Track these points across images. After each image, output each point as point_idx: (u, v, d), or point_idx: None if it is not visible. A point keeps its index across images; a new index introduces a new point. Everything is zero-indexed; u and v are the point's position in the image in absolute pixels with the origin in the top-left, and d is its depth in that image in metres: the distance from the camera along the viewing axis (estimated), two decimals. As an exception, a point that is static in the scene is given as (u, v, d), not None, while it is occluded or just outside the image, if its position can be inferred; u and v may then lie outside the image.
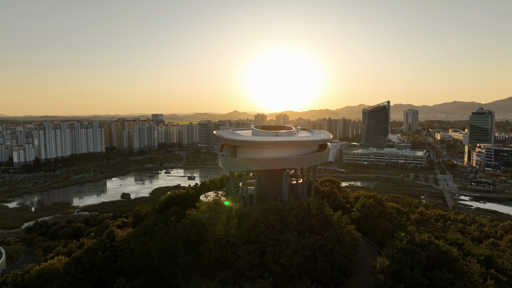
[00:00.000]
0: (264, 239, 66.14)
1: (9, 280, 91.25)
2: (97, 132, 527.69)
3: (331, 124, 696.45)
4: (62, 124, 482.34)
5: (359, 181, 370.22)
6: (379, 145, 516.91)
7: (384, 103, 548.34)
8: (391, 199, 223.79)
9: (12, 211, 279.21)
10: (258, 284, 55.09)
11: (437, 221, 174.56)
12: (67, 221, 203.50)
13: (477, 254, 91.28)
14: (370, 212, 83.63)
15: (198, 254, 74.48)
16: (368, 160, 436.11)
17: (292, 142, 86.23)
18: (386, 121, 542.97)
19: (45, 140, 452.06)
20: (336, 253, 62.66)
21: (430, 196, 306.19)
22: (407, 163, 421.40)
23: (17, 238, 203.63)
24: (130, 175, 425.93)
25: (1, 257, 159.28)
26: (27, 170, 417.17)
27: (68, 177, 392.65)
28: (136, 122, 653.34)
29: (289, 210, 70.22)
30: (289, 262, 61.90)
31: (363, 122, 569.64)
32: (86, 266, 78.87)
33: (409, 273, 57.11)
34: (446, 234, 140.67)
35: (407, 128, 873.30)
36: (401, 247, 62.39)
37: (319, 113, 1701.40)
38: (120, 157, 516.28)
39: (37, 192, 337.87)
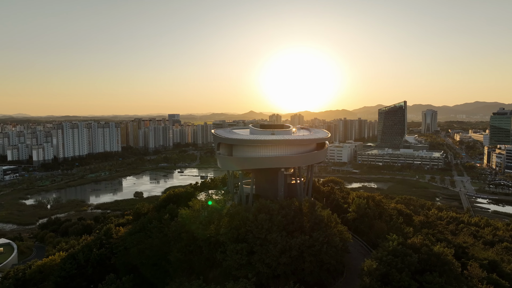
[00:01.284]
0: (252, 239, 65.42)
1: (11, 274, 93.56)
2: (114, 132, 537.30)
3: (346, 124, 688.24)
4: (79, 124, 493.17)
5: (372, 182, 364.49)
6: (395, 146, 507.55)
7: (400, 103, 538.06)
8: (402, 200, 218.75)
9: (29, 208, 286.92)
10: (240, 284, 54.40)
11: (448, 224, 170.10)
12: (78, 219, 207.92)
13: (480, 258, 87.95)
14: (366, 213, 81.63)
15: (190, 252, 74.36)
16: (383, 161, 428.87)
17: (287, 141, 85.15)
18: (403, 122, 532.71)
19: (63, 139, 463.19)
20: (324, 254, 61.28)
21: (446, 199, 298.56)
22: (423, 165, 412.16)
23: (31, 234, 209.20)
24: (145, 174, 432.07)
25: (13, 252, 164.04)
26: (45, 168, 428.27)
27: (84, 176, 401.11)
28: (152, 122, 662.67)
29: (279, 210, 69.19)
30: (276, 262, 60.95)
31: (379, 122, 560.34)
32: (81, 262, 79.96)
33: (397, 276, 55.24)
34: (456, 237, 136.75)
35: (425, 129, 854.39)
36: (392, 249, 60.48)
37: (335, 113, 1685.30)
38: (136, 156, 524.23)
39: (53, 190, 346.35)
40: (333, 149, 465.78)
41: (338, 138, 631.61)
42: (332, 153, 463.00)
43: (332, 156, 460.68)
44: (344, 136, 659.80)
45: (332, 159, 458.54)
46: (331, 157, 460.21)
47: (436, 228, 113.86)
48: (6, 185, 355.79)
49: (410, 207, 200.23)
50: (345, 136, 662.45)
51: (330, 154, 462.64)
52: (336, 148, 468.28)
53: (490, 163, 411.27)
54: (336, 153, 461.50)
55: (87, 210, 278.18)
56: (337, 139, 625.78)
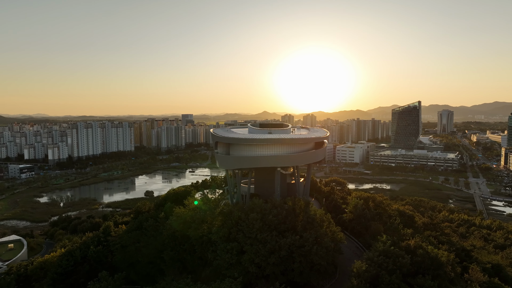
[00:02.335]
0: (242, 238, 64.81)
1: (13, 270, 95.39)
2: (127, 132, 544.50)
3: (359, 125, 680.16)
4: (93, 124, 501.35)
5: (384, 183, 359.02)
6: (409, 146, 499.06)
7: (414, 103, 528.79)
8: (412, 202, 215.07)
9: (43, 206, 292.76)
10: (226, 283, 53.88)
11: (459, 226, 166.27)
12: (87, 216, 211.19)
13: (484, 262, 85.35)
14: (363, 213, 79.96)
15: (184, 251, 74.34)
16: (396, 162, 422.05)
17: (283, 140, 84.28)
18: (417, 122, 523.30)
19: (77, 139, 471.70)
20: (314, 254, 60.17)
21: (459, 201, 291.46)
22: (437, 166, 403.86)
23: (42, 231, 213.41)
24: (157, 174, 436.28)
25: (23, 248, 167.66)
26: (60, 167, 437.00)
27: (97, 175, 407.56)
28: (164, 122, 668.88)
29: (271, 209, 68.38)
30: (265, 262, 60.17)
31: (393, 123, 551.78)
32: (77, 259, 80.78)
33: (387, 278, 53.76)
34: (465, 240, 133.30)
35: (441, 129, 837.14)
36: (384, 250, 58.95)
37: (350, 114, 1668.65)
38: (148, 156, 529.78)
39: (67, 188, 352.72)
40: (344, 150, 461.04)
41: (350, 139, 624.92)
42: (344, 154, 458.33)
43: (344, 157, 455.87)
44: (357, 137, 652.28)
45: (344, 159, 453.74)
46: (343, 157, 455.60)
47: (440, 230, 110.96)
48: (22, 183, 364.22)
49: (419, 209, 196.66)
50: (358, 137, 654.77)
51: (342, 155, 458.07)
52: (348, 148, 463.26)
53: (507, 165, 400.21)
54: (348, 153, 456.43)
55: (98, 208, 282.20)
56: (349, 139, 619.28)
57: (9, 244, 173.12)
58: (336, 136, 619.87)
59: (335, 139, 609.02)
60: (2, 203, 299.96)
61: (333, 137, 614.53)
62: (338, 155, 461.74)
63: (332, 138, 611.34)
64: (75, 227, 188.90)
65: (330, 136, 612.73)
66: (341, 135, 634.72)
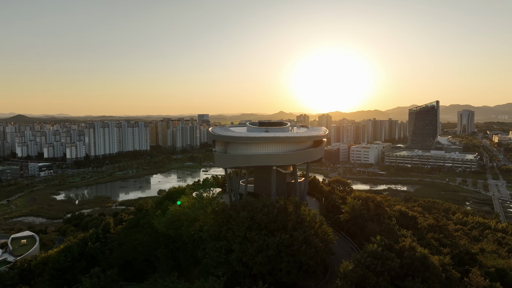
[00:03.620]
0: (232, 236, 64.33)
1: (17, 265, 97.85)
2: (143, 131, 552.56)
3: (375, 125, 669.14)
4: (110, 123, 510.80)
5: (399, 184, 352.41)
6: (427, 147, 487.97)
7: (432, 103, 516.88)
8: (425, 204, 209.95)
9: (59, 203, 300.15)
10: (210, 282, 53.55)
11: (472, 229, 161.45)
12: (99, 214, 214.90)
13: (488, 265, 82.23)
14: (361, 214, 78.17)
15: (177, 249, 74.47)
16: (412, 163, 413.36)
17: (278, 138, 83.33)
18: (435, 122, 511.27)
19: (94, 138, 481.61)
20: (302, 254, 59.12)
21: (477, 203, 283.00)
22: (455, 167, 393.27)
23: (56, 228, 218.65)
24: (172, 173, 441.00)
25: (35, 244, 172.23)
26: (77, 165, 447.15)
27: (112, 173, 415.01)
28: (180, 122, 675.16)
29: (261, 208, 67.64)
30: (252, 261, 59.51)
31: (409, 123, 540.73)
32: (75, 255, 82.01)
33: (373, 279, 52.25)
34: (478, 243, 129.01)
35: (461, 130, 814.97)
36: (373, 251, 57.36)
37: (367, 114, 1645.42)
38: (163, 155, 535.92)
39: (83, 186, 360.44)
40: (359, 150, 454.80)
41: (366, 139, 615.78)
42: (358, 154, 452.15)
43: (359, 157, 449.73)
44: (373, 137, 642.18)
45: (359, 160, 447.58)
46: (357, 158, 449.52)
47: (446, 232, 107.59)
48: (41, 180, 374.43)
49: (432, 211, 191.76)
50: (374, 137, 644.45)
51: (357, 155, 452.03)
52: (363, 149, 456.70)
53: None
54: (363, 154, 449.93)
55: (112, 206, 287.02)
56: (365, 140, 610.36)
57: (22, 240, 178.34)
58: (351, 137, 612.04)
59: (350, 139, 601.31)
60: (21, 200, 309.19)
61: (348, 137, 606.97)
62: (353, 156, 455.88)
63: (347, 138, 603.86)
64: (86, 224, 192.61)
65: (345, 137, 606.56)
66: (357, 136, 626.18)
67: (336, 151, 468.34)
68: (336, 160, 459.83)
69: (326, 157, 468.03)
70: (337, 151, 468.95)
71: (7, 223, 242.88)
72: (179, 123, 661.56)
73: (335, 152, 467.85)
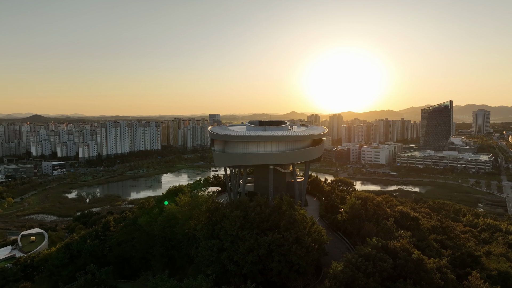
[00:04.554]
0: (224, 235, 64.08)
1: (21, 261, 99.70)
2: (154, 131, 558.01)
3: (388, 125, 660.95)
4: (122, 123, 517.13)
5: (410, 185, 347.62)
6: (440, 148, 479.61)
7: (446, 103, 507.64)
8: (434, 205, 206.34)
9: (70, 201, 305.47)
10: (198, 280, 53.38)
11: (482, 231, 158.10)
12: (107, 212, 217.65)
13: (490, 268, 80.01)
14: (358, 214, 76.95)
15: (172, 247, 74.70)
16: (424, 164, 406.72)
17: (275, 137, 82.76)
18: (448, 122, 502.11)
19: (106, 138, 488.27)
20: (293, 254, 58.45)
21: (490, 205, 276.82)
22: (468, 168, 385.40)
23: (65, 225, 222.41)
24: (183, 172, 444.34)
25: (44, 241, 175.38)
26: (90, 164, 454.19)
27: (123, 172, 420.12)
28: (191, 122, 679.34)
29: (254, 207, 67.20)
30: (243, 260, 59.14)
31: (422, 123, 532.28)
32: (74, 252, 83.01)
33: (363, 280, 51.24)
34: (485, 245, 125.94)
35: (476, 130, 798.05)
36: (365, 252, 56.30)
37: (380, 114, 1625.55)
38: (174, 154, 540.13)
39: (94, 185, 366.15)
40: (370, 150, 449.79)
41: (378, 139, 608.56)
42: (369, 155, 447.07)
43: (369, 158, 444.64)
44: (385, 138, 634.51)
45: (369, 160, 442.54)
46: (368, 158, 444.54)
47: (449, 234, 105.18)
48: (54, 179, 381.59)
49: (441, 212, 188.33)
50: (386, 137, 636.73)
51: (367, 156, 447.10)
52: (374, 149, 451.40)
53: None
54: (374, 154, 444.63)
55: (121, 205, 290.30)
56: (377, 140, 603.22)
57: (31, 237, 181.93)
58: (362, 137, 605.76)
59: (362, 139, 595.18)
60: (34, 198, 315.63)
61: (359, 137, 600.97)
62: (363, 156, 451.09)
63: (358, 138, 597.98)
64: (94, 222, 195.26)
65: (356, 137, 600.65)
66: (368, 136, 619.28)
67: (346, 152, 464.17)
68: (347, 160, 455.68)
69: (336, 157, 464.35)
70: (347, 151, 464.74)
71: (20, 220, 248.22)
72: (190, 123, 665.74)
73: (346, 153, 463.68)
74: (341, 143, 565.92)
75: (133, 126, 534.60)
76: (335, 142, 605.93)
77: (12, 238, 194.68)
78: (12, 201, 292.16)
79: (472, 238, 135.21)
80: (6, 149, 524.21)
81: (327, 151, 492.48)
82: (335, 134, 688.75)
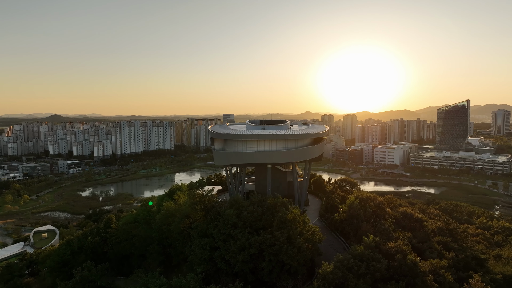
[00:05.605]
0: (217, 234, 63.86)
1: (27, 257, 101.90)
2: (167, 131, 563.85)
3: (403, 125, 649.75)
4: (136, 123, 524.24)
5: (424, 186, 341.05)
6: (456, 148, 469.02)
7: (463, 102, 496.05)
8: (446, 207, 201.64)
9: (83, 199, 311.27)
10: (188, 278, 53.34)
11: (496, 234, 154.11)
12: (118, 210, 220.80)
13: (495, 272, 77.46)
14: (357, 214, 75.53)
15: (169, 245, 74.98)
16: (439, 164, 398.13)
17: (273, 135, 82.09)
18: (465, 122, 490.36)
19: (120, 137, 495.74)
20: (284, 254, 57.75)
21: (507, 207, 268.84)
22: (485, 169, 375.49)
23: (77, 223, 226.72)
24: (195, 172, 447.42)
25: (55, 237, 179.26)
26: (104, 163, 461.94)
27: (136, 171, 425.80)
28: (204, 121, 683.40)
29: (247, 206, 66.79)
30: (234, 259, 58.79)
31: (438, 123, 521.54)
32: (74, 249, 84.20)
33: (352, 281, 50.15)
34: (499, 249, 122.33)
35: (496, 130, 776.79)
36: (358, 252, 55.13)
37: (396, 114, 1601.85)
38: (187, 154, 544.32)
39: (108, 184, 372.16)
40: (383, 151, 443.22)
41: (392, 140, 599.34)
42: (382, 155, 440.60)
43: (383, 158, 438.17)
44: (400, 138, 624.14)
45: (383, 161, 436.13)
46: (382, 159, 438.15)
47: (456, 236, 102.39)
48: (69, 177, 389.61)
49: (453, 214, 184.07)
50: (401, 138, 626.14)
51: (381, 156, 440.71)
52: (387, 149, 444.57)
53: None
54: (387, 155, 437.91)
55: (133, 203, 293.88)
56: (391, 140, 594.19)
57: (43, 233, 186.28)
58: (376, 137, 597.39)
59: (376, 140, 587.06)
60: (49, 195, 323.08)
61: (373, 137, 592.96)
62: (377, 156, 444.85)
63: (372, 138, 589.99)
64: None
65: (370, 137, 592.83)
66: (383, 136, 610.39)
67: (359, 152, 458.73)
68: (360, 161, 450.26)
69: (349, 157, 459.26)
70: (360, 151, 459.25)
71: (35, 217, 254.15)
72: (203, 122, 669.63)
73: (359, 153, 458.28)
74: (355, 143, 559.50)
75: (147, 125, 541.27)
76: (348, 142, 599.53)
77: (26, 234, 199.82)
78: (28, 198, 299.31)
79: (484, 240, 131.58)
80: (25, 148, 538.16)
81: (339, 151, 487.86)
82: (348, 134, 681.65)
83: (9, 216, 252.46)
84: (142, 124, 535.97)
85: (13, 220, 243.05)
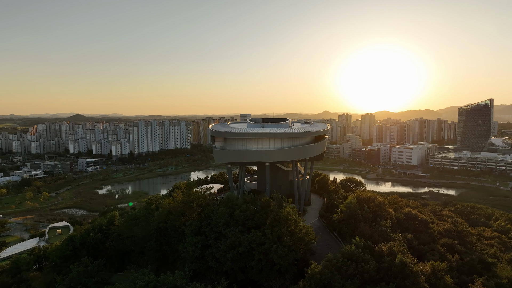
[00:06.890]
0: (209, 232, 63.69)
1: (35, 252, 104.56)
2: (184, 130, 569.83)
3: (422, 125, 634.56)
4: (153, 122, 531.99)
5: (443, 187, 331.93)
6: (478, 149, 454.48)
7: (485, 101, 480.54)
8: (463, 208, 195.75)
9: (100, 197, 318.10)
10: (176, 275, 53.36)
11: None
12: (131, 208, 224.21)
13: (502, 276, 74.17)
14: (355, 214, 73.77)
15: (166, 242, 75.33)
16: (459, 165, 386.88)
17: (272, 134, 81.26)
18: (488, 122, 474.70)
19: (138, 136, 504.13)
20: (274, 253, 56.94)
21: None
22: (508, 170, 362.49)
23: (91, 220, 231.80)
24: (211, 170, 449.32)
25: (68, 233, 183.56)
26: (122, 162, 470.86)
27: (152, 170, 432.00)
28: (220, 121, 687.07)
29: (240, 204, 66.28)
30: (224, 257, 58.41)
31: (459, 123, 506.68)
32: (76, 245, 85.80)
33: (340, 282, 48.90)
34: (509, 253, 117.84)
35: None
36: (348, 252, 53.77)
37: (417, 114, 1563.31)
38: (203, 153, 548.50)
39: (124, 182, 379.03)
40: (401, 151, 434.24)
41: (411, 140, 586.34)
42: (400, 155, 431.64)
43: (401, 158, 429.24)
44: (419, 138, 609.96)
45: (400, 161, 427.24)
46: (399, 159, 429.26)
47: (465, 239, 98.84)
48: (87, 175, 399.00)
49: (470, 216, 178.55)
50: (421, 138, 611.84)
51: (398, 156, 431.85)
52: (405, 149, 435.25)
53: None
54: (405, 155, 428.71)
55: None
56: (410, 140, 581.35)
57: (57, 230, 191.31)
58: (395, 137, 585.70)
59: (394, 139, 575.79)
60: (68, 193, 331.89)
61: (391, 137, 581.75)
62: (394, 157, 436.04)
63: (390, 138, 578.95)
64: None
65: (388, 137, 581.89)
66: (401, 136, 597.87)
67: (376, 152, 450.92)
68: (377, 161, 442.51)
69: (365, 158, 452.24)
70: (377, 151, 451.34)
71: (53, 214, 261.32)
72: (220, 122, 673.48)
73: (375, 153, 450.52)
74: (372, 143, 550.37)
75: (164, 125, 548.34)
76: (366, 142, 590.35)
77: (42, 230, 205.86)
78: (48, 195, 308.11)
79: (499, 244, 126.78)
80: (47, 147, 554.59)
81: (356, 151, 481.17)
82: (366, 134, 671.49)
83: (28, 212, 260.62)
84: (159, 124, 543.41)
85: (32, 216, 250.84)
